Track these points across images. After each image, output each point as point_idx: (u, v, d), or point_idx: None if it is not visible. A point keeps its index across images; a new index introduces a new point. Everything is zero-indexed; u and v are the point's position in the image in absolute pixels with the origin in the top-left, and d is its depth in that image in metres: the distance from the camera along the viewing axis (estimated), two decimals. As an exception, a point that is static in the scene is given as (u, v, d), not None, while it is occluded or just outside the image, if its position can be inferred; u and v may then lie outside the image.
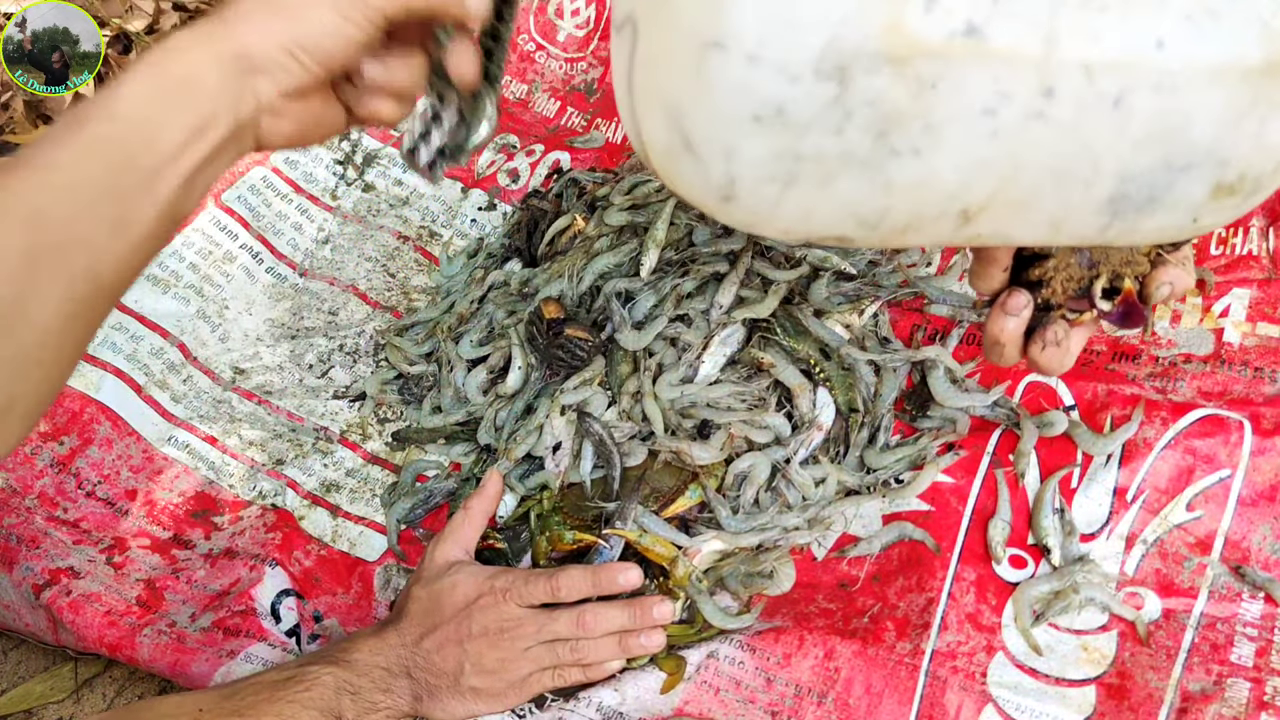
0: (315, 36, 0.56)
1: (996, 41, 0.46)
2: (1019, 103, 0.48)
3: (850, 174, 0.50)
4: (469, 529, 0.95)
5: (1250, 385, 0.93)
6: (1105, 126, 0.49)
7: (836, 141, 0.48)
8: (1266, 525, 0.84)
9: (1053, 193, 0.52)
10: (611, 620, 0.88)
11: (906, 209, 0.52)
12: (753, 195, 0.51)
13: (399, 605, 0.90)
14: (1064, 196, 0.53)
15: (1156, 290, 0.63)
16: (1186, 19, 0.47)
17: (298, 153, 1.36)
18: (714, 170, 0.51)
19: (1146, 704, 0.79)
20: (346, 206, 1.36)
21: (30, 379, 0.52)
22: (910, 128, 0.48)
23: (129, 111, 0.54)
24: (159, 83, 0.54)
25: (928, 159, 0.49)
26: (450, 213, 1.37)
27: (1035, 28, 0.46)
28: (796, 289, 1.08)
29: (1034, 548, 0.89)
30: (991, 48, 0.46)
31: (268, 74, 0.56)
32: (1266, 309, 0.98)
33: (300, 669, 0.81)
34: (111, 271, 0.54)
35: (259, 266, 1.28)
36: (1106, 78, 0.48)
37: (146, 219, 0.55)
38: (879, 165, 0.49)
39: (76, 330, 0.54)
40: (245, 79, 0.56)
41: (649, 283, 1.10)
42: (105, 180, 0.53)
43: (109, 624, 0.95)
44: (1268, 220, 1.03)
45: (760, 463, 0.97)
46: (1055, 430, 0.94)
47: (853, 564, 0.93)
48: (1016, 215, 0.54)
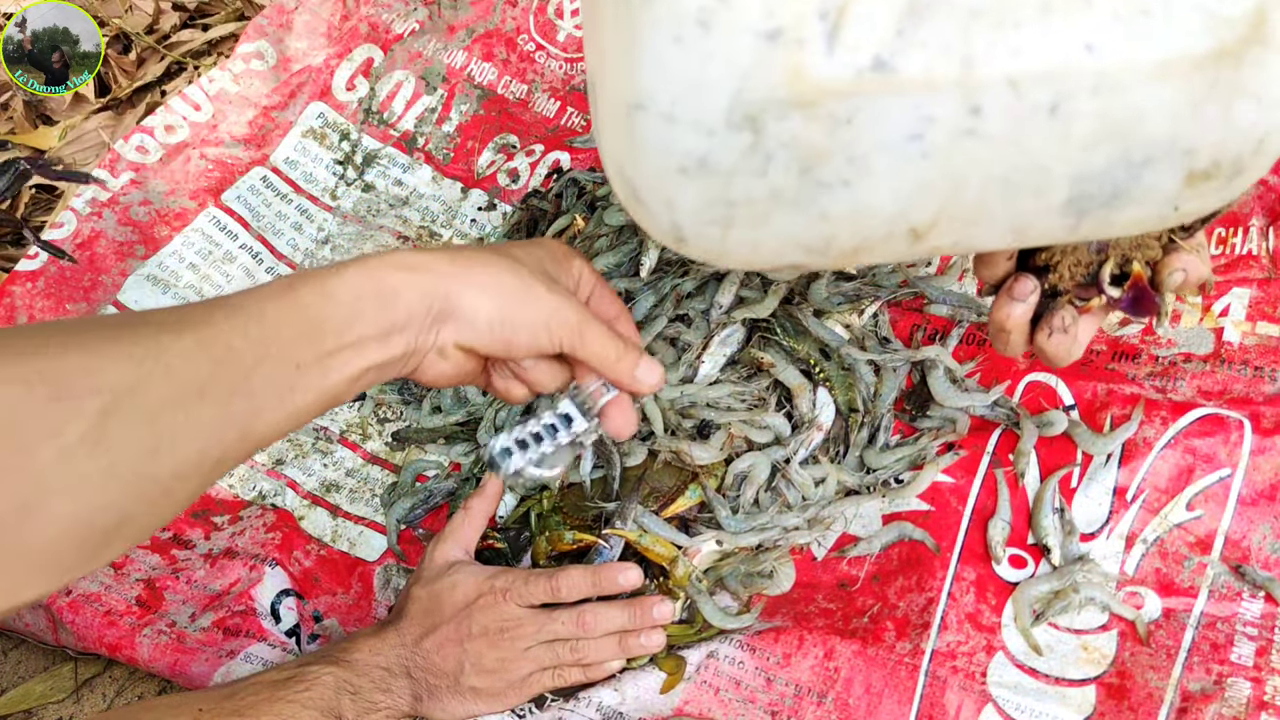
0: (516, 329, 0.62)
1: (908, 71, 0.47)
2: (946, 124, 0.48)
3: (783, 211, 0.52)
4: (469, 529, 0.95)
5: (1250, 384, 0.93)
6: (1045, 134, 0.49)
7: (762, 183, 0.50)
8: (1267, 524, 0.84)
9: (1003, 203, 0.53)
10: (611, 620, 0.88)
11: (851, 234, 0.53)
12: (700, 237, 0.55)
13: (399, 605, 0.90)
14: (1017, 205, 0.53)
15: (1170, 277, 0.62)
16: (1115, 19, 0.47)
17: (298, 153, 1.37)
18: (660, 218, 0.54)
19: (1146, 704, 0.79)
20: (346, 206, 1.36)
21: (154, 508, 0.52)
22: (833, 162, 0.49)
23: (340, 294, 0.58)
24: (373, 284, 0.59)
25: (858, 188, 0.50)
26: (450, 212, 1.37)
27: (948, 52, 0.47)
28: (796, 289, 1.08)
29: (1034, 547, 0.89)
30: (904, 78, 0.47)
31: (459, 326, 0.61)
32: (1266, 308, 0.98)
33: (300, 669, 0.81)
34: (262, 430, 0.55)
35: (259, 267, 1.28)
36: (1036, 88, 0.48)
37: (310, 394, 0.57)
38: (810, 199, 0.51)
39: (209, 472, 0.54)
40: (440, 320, 0.61)
41: (649, 283, 1.10)
42: (294, 345, 0.56)
43: (108, 624, 0.95)
44: (1267, 220, 1.03)
45: (760, 463, 0.97)
46: (1055, 430, 0.94)
47: (852, 564, 0.93)
48: (971, 228, 0.54)
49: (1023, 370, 1.01)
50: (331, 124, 1.40)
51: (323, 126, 1.39)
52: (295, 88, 1.38)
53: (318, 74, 1.39)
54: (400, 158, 1.40)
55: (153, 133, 1.30)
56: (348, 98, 1.41)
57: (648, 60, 0.48)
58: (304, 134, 1.38)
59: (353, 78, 1.41)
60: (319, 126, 1.39)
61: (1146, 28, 0.47)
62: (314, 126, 1.39)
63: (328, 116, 1.40)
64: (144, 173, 1.27)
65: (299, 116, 1.38)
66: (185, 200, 1.27)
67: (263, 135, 1.36)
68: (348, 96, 1.41)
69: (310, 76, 1.39)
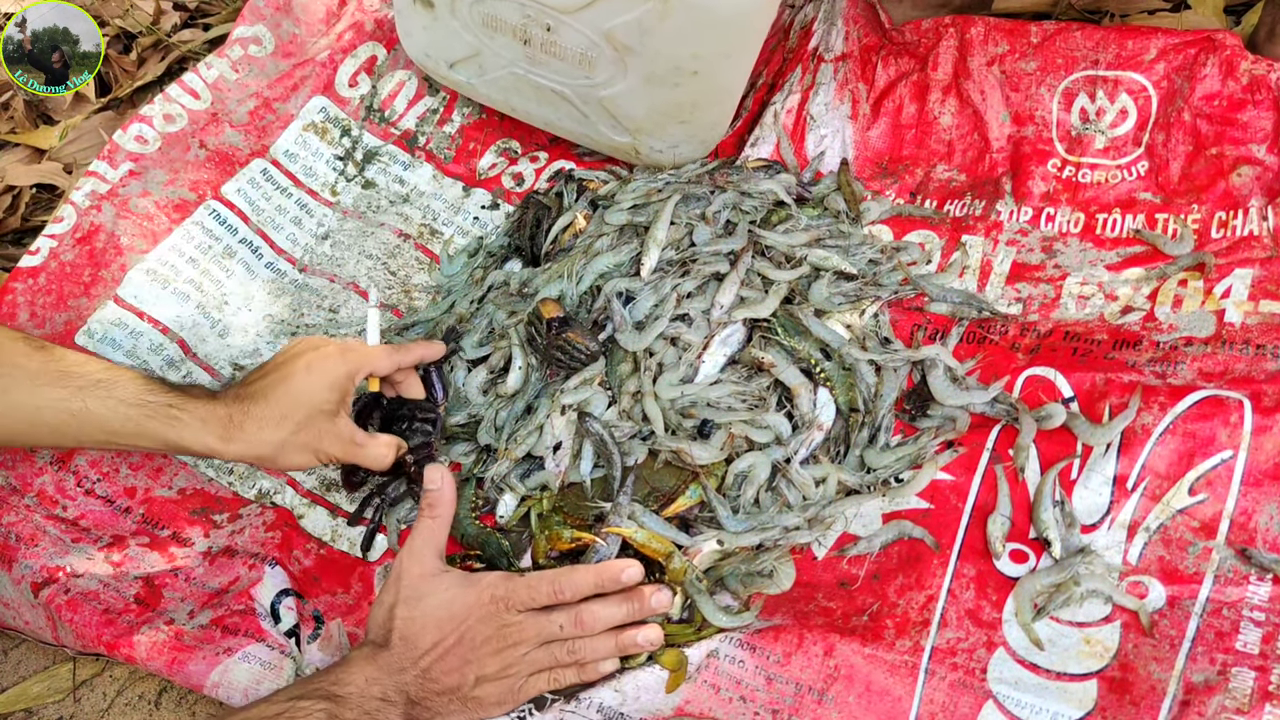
0: (293, 464, 0.96)
1: None
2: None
3: None
4: (440, 535, 0.91)
5: (1252, 363, 0.93)
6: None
7: None
8: (1272, 505, 0.84)
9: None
10: (609, 615, 0.87)
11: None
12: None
13: (382, 627, 0.86)
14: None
15: None
16: None
17: (298, 146, 1.36)
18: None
19: (1149, 697, 0.79)
20: (347, 202, 1.36)
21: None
22: None
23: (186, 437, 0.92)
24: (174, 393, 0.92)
25: None
26: (452, 210, 1.37)
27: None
28: (797, 289, 1.09)
29: (1035, 542, 0.89)
30: None
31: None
32: (1269, 286, 0.98)
33: (291, 703, 0.78)
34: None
35: (258, 262, 1.28)
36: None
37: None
38: None
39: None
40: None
41: (649, 283, 1.10)
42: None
43: (106, 622, 0.94)
44: (1265, 199, 1.04)
45: (760, 462, 0.97)
46: (1054, 423, 0.94)
47: (852, 563, 0.93)
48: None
49: (1021, 365, 1.01)
50: (333, 119, 1.40)
51: (324, 121, 1.39)
52: (298, 80, 1.38)
53: (321, 68, 1.39)
54: (401, 155, 1.40)
55: (151, 122, 1.30)
56: (350, 94, 1.41)
57: None
58: (305, 127, 1.38)
59: (356, 74, 1.41)
60: (320, 121, 1.39)
61: None
62: (315, 120, 1.39)
63: (329, 111, 1.40)
64: (143, 162, 1.26)
65: (300, 109, 1.38)
66: (185, 191, 1.27)
67: (263, 126, 1.36)
68: (350, 93, 1.41)
69: (313, 70, 1.39)
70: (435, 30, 1.25)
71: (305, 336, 1.02)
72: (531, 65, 1.21)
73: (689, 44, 1.08)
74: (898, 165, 1.26)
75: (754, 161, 1.26)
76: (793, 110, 1.29)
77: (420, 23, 1.26)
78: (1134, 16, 1.49)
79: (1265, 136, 1.07)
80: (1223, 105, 1.10)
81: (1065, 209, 1.15)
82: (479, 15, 1.18)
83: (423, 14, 1.23)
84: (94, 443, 0.91)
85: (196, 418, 0.90)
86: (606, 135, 1.26)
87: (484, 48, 1.23)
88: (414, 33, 1.29)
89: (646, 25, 1.07)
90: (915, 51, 1.27)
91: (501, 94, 1.31)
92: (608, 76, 1.16)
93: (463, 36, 1.23)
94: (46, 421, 0.88)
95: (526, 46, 1.18)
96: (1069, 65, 1.18)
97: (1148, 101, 1.14)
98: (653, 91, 1.16)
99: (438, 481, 0.92)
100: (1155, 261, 1.06)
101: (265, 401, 0.92)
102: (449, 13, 1.20)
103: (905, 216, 1.20)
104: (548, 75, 1.21)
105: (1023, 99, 1.20)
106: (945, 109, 1.24)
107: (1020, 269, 1.12)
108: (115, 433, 0.89)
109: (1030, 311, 1.08)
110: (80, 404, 0.88)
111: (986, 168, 1.21)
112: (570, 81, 1.20)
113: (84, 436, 0.90)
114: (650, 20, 1.06)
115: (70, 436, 0.89)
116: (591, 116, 1.25)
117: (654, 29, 1.07)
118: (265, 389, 0.93)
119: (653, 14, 1.05)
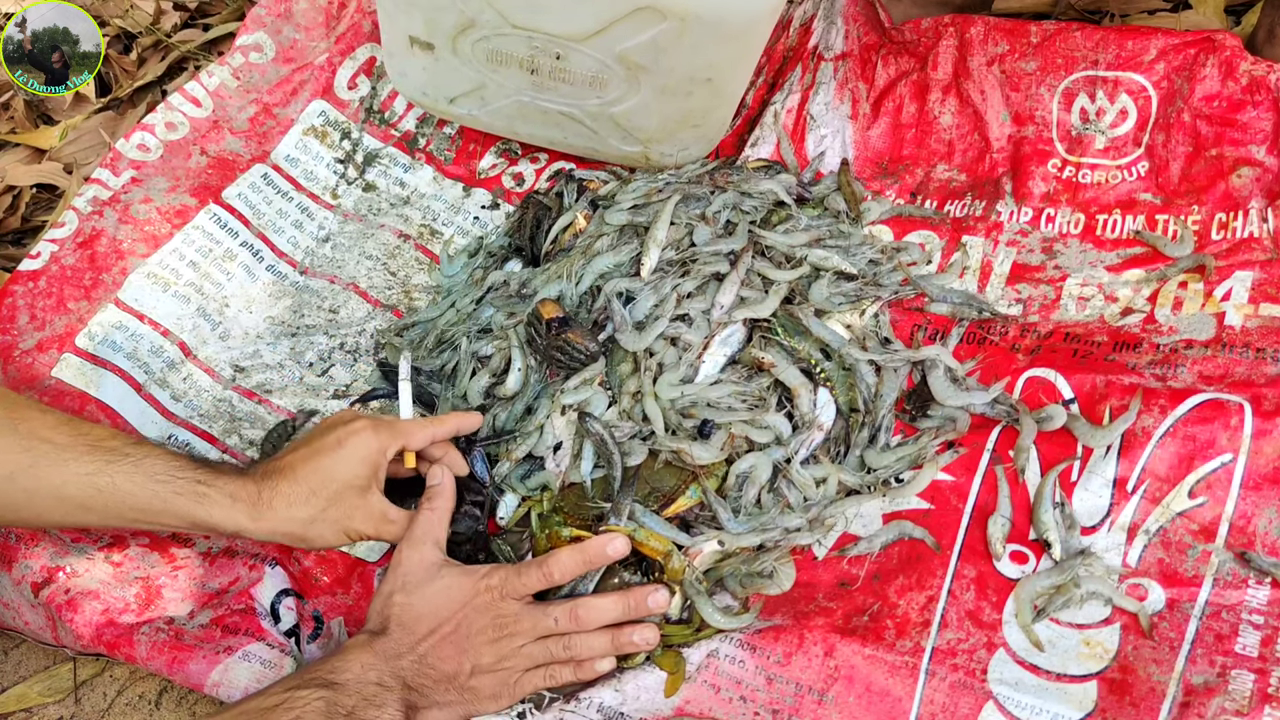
0: (325, 541, 0.93)
1: None
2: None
3: None
4: (440, 528, 0.93)
5: (1252, 366, 0.93)
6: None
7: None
8: (1271, 508, 0.84)
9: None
10: (606, 612, 0.87)
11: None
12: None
13: (380, 615, 0.87)
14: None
15: None
16: None
17: (299, 151, 1.37)
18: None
19: (1148, 698, 0.79)
20: (347, 205, 1.37)
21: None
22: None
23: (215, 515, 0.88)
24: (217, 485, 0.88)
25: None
26: (452, 210, 1.37)
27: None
28: (797, 289, 1.09)
29: (1035, 543, 0.89)
30: None
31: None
32: (1269, 289, 0.98)
33: (288, 694, 0.78)
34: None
35: (259, 264, 1.28)
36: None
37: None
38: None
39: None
40: None
41: (649, 283, 1.10)
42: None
43: (106, 622, 0.94)
44: (1265, 201, 1.04)
45: (761, 463, 0.97)
46: (1054, 424, 0.94)
47: (853, 563, 0.93)
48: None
49: (1022, 366, 1.01)
50: (333, 122, 1.40)
51: (324, 125, 1.39)
52: (297, 85, 1.38)
53: (320, 72, 1.39)
54: (401, 158, 1.40)
55: (154, 130, 1.31)
56: (349, 96, 1.41)
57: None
58: (305, 131, 1.38)
59: (354, 77, 1.41)
60: (320, 124, 1.39)
61: None
62: (315, 124, 1.39)
63: (329, 115, 1.40)
64: (145, 170, 1.27)
65: (300, 114, 1.38)
66: (186, 197, 1.28)
67: (263, 132, 1.36)
68: (349, 95, 1.41)
69: (312, 74, 1.39)
70: (435, 70, 1.23)
71: (338, 411, 0.99)
72: (539, 92, 1.20)
73: (704, 55, 1.08)
74: (898, 165, 1.26)
75: (754, 162, 1.26)
76: (793, 110, 1.29)
77: (419, 64, 1.23)
78: (1134, 17, 1.49)
79: (1265, 138, 1.07)
80: (1222, 106, 1.10)
81: (1065, 209, 1.15)
82: (483, 52, 1.16)
83: (421, 55, 1.21)
84: (119, 520, 0.88)
85: (225, 494, 0.87)
86: (615, 147, 1.26)
87: (488, 81, 1.21)
88: (410, 73, 1.26)
89: (662, 44, 1.06)
90: (915, 51, 1.27)
91: (505, 121, 1.29)
92: (619, 94, 1.16)
93: (464, 73, 1.21)
94: (72, 496, 0.85)
95: (534, 75, 1.16)
96: (1069, 65, 1.18)
97: (1148, 102, 1.14)
98: (666, 102, 1.15)
99: (438, 476, 0.95)
100: (1155, 263, 1.06)
101: (294, 477, 0.89)
102: (450, 52, 1.18)
103: (905, 217, 1.20)
104: (555, 100, 1.20)
105: (1023, 99, 1.20)
106: (945, 109, 1.24)
107: (1020, 270, 1.12)
108: (142, 510, 0.86)
109: (1030, 312, 1.08)
110: (107, 479, 0.85)
111: (987, 168, 1.21)
112: (579, 103, 1.19)
113: (109, 513, 0.87)
114: (666, 39, 1.05)
115: (96, 512, 0.87)
116: (601, 132, 1.24)
117: (669, 47, 1.06)
118: (294, 464, 0.90)
119: (668, 33, 1.04)
